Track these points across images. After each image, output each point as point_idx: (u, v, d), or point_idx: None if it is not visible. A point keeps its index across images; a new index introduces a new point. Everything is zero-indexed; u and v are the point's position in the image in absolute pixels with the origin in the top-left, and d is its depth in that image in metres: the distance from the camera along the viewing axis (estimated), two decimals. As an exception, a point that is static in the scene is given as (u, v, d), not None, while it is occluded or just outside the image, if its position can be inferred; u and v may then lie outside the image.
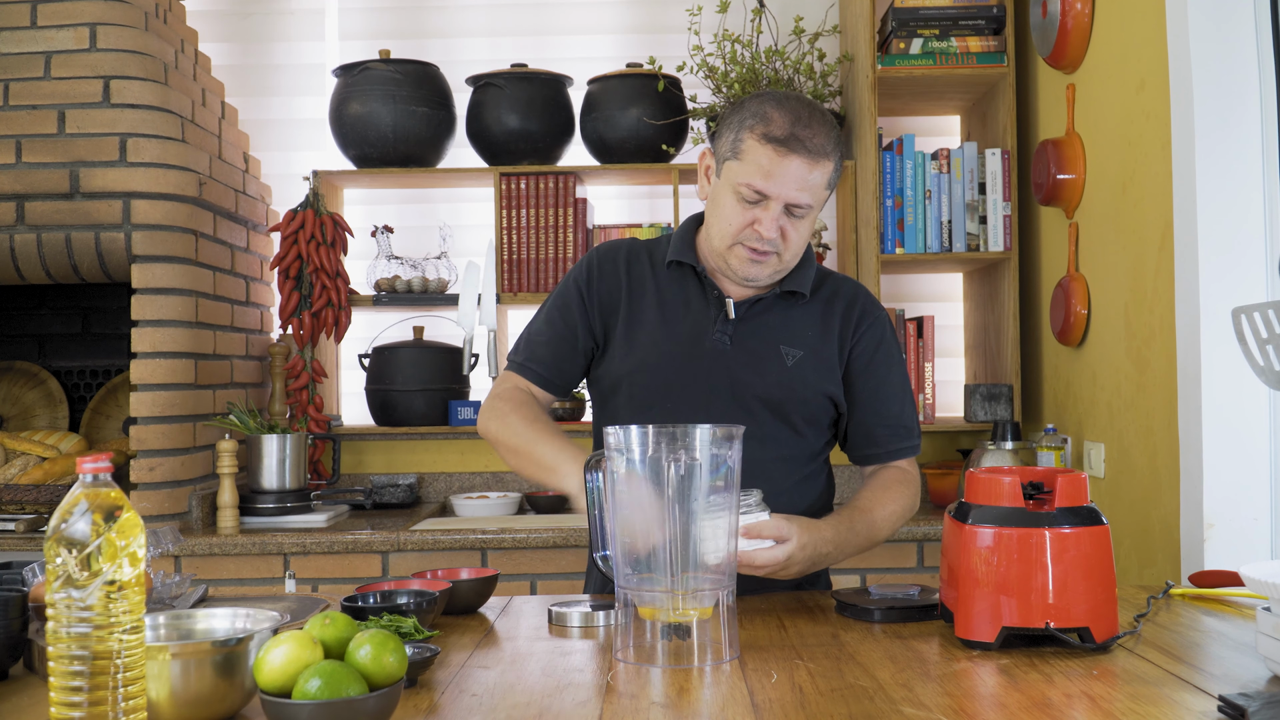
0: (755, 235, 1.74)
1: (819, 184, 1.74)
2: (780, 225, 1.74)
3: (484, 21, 3.68)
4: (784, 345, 1.83)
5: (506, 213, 3.37)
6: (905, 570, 2.94)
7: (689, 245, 1.88)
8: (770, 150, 1.71)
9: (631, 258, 1.91)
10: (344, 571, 2.89)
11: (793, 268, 1.84)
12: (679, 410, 1.79)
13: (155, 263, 2.90)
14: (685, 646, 1.35)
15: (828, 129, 1.75)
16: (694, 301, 1.85)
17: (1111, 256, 2.65)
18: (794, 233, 1.76)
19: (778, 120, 1.72)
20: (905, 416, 1.89)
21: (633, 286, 1.88)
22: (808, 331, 1.85)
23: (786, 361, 1.82)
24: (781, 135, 1.71)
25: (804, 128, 1.72)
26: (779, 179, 1.71)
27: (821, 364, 1.84)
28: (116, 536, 0.98)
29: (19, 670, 1.38)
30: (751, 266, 1.78)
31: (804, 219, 1.76)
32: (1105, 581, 1.39)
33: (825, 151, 1.73)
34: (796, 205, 1.73)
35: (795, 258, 1.81)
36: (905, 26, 3.15)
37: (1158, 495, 2.41)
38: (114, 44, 2.94)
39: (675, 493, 1.34)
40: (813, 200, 1.74)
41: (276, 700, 1.08)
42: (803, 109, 1.74)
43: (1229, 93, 2.20)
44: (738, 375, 1.81)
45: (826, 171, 1.74)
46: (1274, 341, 1.43)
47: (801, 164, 1.71)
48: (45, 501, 2.98)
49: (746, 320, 1.84)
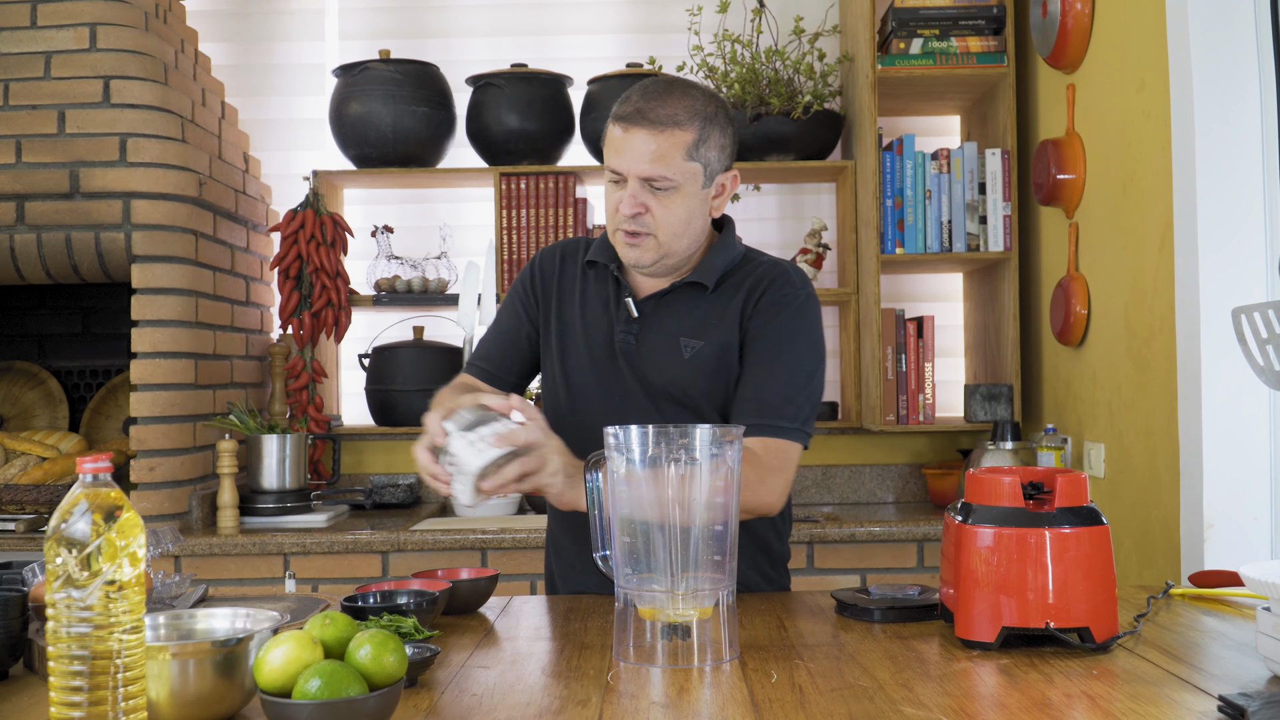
0: (622, 216, 1.74)
1: (673, 154, 1.70)
2: (643, 202, 1.72)
3: (484, 21, 3.68)
4: (684, 338, 1.81)
5: (506, 213, 3.37)
6: (905, 570, 2.94)
7: (608, 245, 1.88)
8: (618, 128, 1.73)
9: (566, 258, 1.93)
10: (344, 571, 2.89)
11: (687, 252, 1.81)
12: (601, 411, 1.79)
13: (155, 263, 2.90)
14: (685, 646, 1.35)
15: (686, 100, 1.73)
16: (610, 302, 1.87)
17: (1111, 256, 2.65)
18: (662, 210, 1.73)
19: (630, 99, 1.73)
20: (769, 393, 1.75)
21: (563, 288, 1.91)
22: (710, 321, 1.81)
23: (684, 354, 1.80)
24: (627, 112, 1.72)
25: (652, 100, 1.71)
26: (626, 154, 1.71)
27: (723, 351, 1.80)
28: (116, 536, 0.98)
29: (19, 670, 1.38)
30: (629, 250, 1.77)
31: (672, 194, 1.73)
32: (1105, 581, 1.39)
33: (676, 120, 1.70)
34: (652, 179, 1.71)
35: (679, 236, 1.76)
36: (905, 26, 3.15)
37: (1158, 495, 2.41)
38: (114, 44, 2.94)
39: (675, 493, 1.34)
40: (669, 172, 1.71)
41: (276, 700, 1.08)
42: (660, 85, 1.74)
43: (1229, 93, 2.20)
44: (643, 372, 1.81)
45: (681, 141, 1.71)
46: (1274, 341, 1.43)
47: (645, 135, 1.70)
48: (45, 501, 2.98)
49: (651, 316, 1.83)
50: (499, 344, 1.95)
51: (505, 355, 1.94)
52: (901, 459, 3.53)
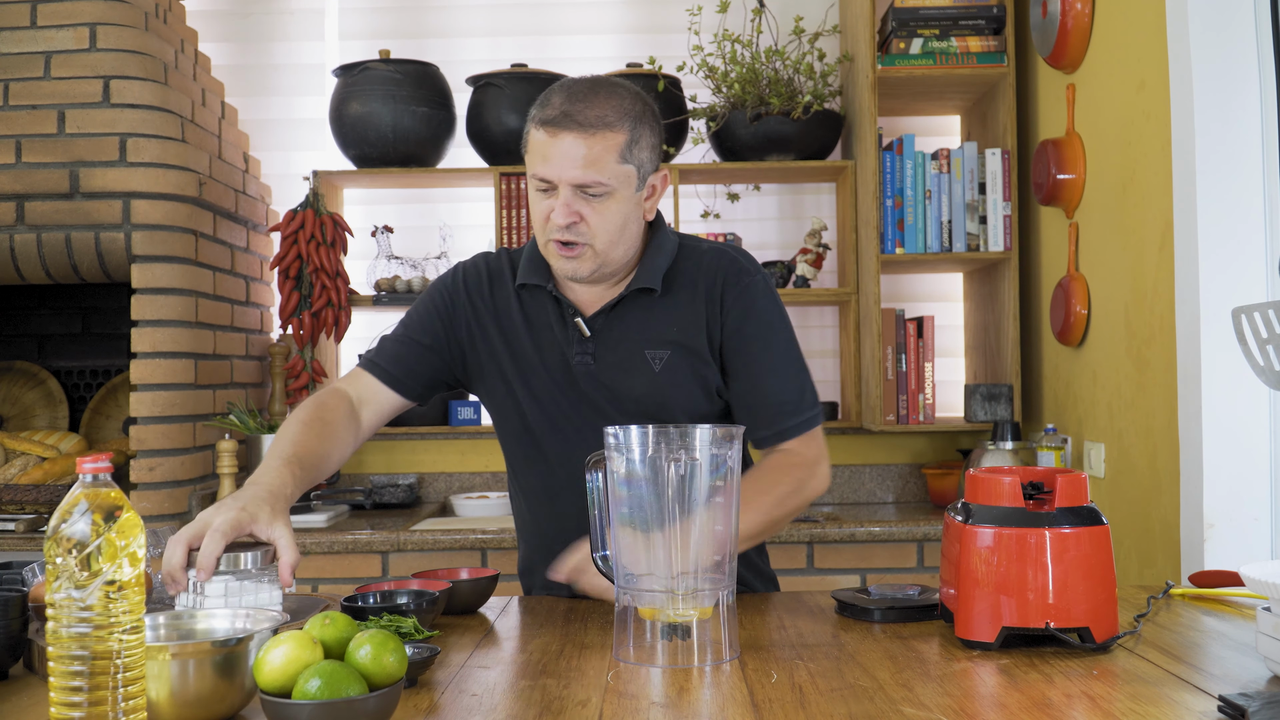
0: (555, 227, 1.65)
1: (605, 158, 1.62)
2: (576, 210, 1.64)
3: (484, 21, 3.68)
4: (648, 350, 1.73)
5: (506, 213, 3.37)
6: (905, 570, 2.94)
7: (538, 263, 1.77)
8: (544, 134, 1.63)
9: (493, 280, 1.81)
10: (344, 571, 2.89)
11: (624, 258, 1.73)
12: (573, 437, 1.74)
13: (155, 263, 2.90)
14: (685, 646, 1.35)
15: (614, 100, 1.64)
16: (554, 325, 1.76)
17: (1111, 256, 2.65)
18: (597, 217, 1.65)
19: (553, 102, 1.64)
20: (785, 392, 1.75)
21: (499, 313, 1.79)
22: (672, 327, 1.74)
23: (654, 366, 1.73)
24: (552, 115, 1.62)
25: (579, 102, 1.62)
26: (554, 160, 1.62)
27: (692, 357, 1.74)
28: (116, 536, 0.98)
29: (19, 670, 1.38)
30: (565, 262, 1.67)
31: (606, 200, 1.64)
32: (1105, 581, 1.39)
33: (605, 123, 1.62)
34: (584, 185, 1.62)
35: (615, 243, 1.68)
36: (905, 26, 3.15)
37: (1158, 495, 2.41)
38: (114, 44, 2.94)
39: (675, 493, 1.34)
40: (603, 177, 1.62)
41: (276, 700, 1.08)
42: (584, 86, 1.66)
43: (1229, 93, 2.20)
44: (613, 390, 1.74)
45: (610, 143, 1.62)
46: (1274, 341, 1.43)
47: (574, 140, 1.61)
48: (45, 501, 2.98)
49: (605, 331, 1.75)
50: (411, 351, 1.81)
51: (417, 365, 1.80)
52: (901, 459, 3.53)
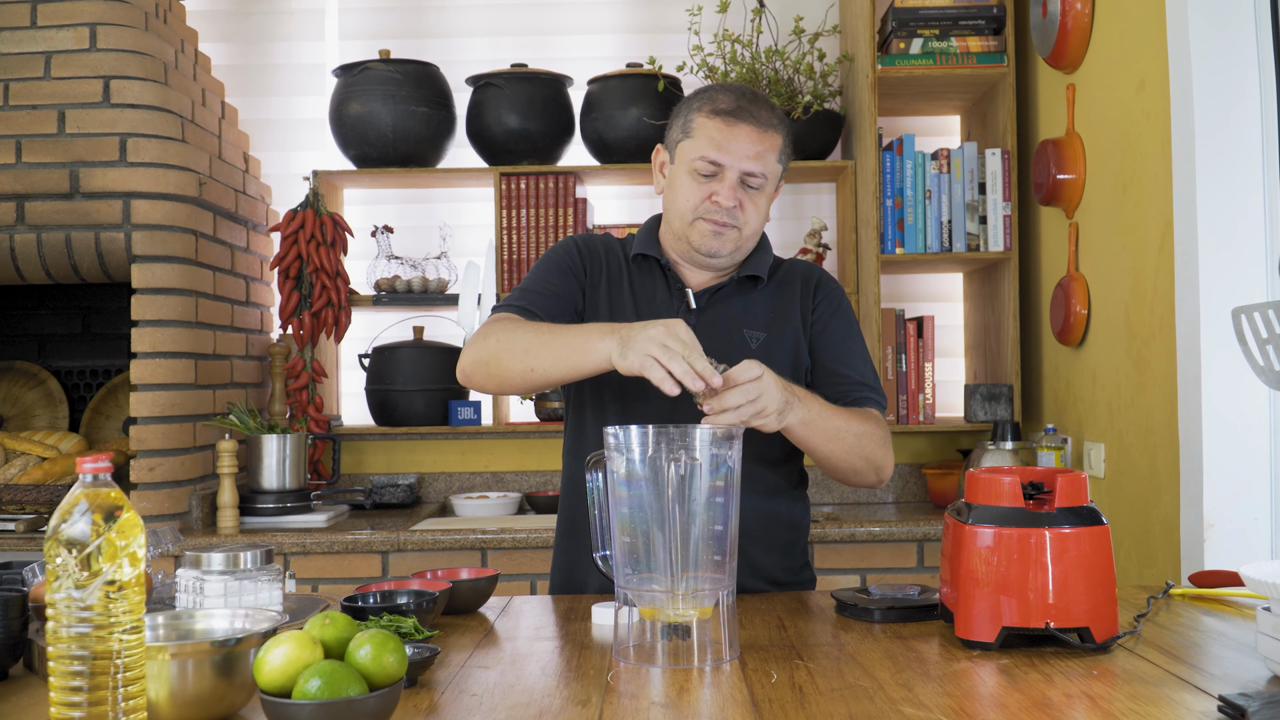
0: (714, 207, 1.79)
1: (769, 154, 1.80)
2: (738, 197, 1.80)
3: (484, 21, 3.68)
4: (746, 329, 1.87)
5: (506, 213, 3.37)
6: (905, 570, 2.94)
7: (653, 239, 1.92)
8: (720, 122, 1.79)
9: (607, 250, 1.95)
10: (344, 571, 2.89)
11: (751, 249, 1.88)
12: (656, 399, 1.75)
13: (155, 263, 2.90)
14: (685, 646, 1.35)
15: (771, 107, 1.83)
16: (659, 294, 1.90)
17: (1111, 256, 2.65)
18: (751, 206, 1.81)
19: (723, 98, 1.81)
20: (866, 375, 1.90)
21: (610, 278, 1.91)
22: (768, 314, 1.89)
23: (751, 345, 1.85)
24: (729, 107, 1.79)
25: (749, 102, 1.80)
26: (730, 148, 1.78)
27: (785, 340, 1.88)
28: (116, 536, 0.98)
29: (19, 670, 1.38)
30: (713, 240, 1.82)
31: (760, 193, 1.82)
32: (1105, 581, 1.39)
33: (772, 124, 1.81)
34: (750, 175, 1.79)
35: (755, 234, 1.85)
36: (905, 26, 3.15)
37: (1158, 495, 2.41)
38: (114, 44, 2.94)
39: (675, 493, 1.34)
40: (764, 170, 1.80)
41: (276, 700, 1.08)
42: (746, 90, 1.84)
43: (1229, 93, 2.20)
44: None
45: (775, 143, 1.81)
46: (1274, 341, 1.43)
47: (751, 131, 1.78)
48: (45, 501, 2.99)
49: (708, 309, 1.88)
50: (549, 299, 1.85)
51: (555, 311, 1.84)
52: (901, 459, 3.53)
